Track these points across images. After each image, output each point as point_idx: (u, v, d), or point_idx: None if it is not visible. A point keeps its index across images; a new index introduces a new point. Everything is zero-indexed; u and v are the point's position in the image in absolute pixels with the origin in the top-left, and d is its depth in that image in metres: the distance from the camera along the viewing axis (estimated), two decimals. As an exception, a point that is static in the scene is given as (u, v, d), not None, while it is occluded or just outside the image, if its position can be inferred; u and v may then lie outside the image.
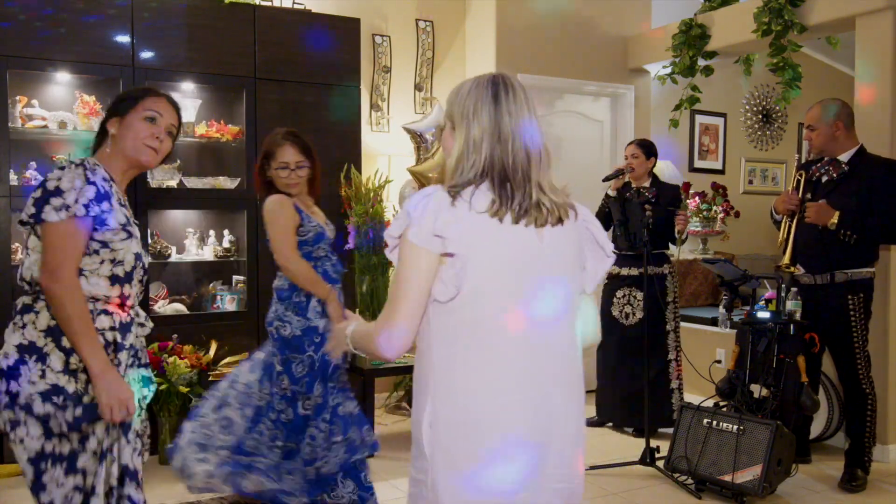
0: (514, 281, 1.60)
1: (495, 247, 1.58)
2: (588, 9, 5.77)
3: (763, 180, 7.30)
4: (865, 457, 3.87)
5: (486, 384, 1.59)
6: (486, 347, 1.59)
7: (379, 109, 5.43)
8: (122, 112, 2.12)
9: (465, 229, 1.56)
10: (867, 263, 3.84)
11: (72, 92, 4.34)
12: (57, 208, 1.92)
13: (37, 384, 1.94)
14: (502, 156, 1.62)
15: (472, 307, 1.58)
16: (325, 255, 3.20)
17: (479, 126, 1.64)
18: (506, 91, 1.66)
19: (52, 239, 1.93)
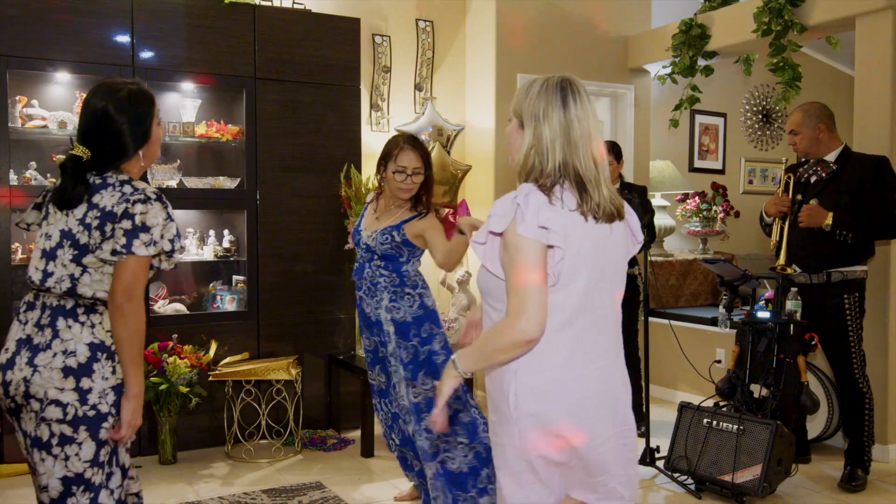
0: (597, 269, 1.78)
1: (583, 240, 1.75)
2: (588, 9, 5.77)
3: (763, 180, 7.31)
4: (865, 456, 3.87)
5: (566, 359, 1.76)
6: (570, 326, 1.76)
7: (379, 109, 5.43)
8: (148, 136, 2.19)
9: (562, 224, 1.71)
10: (861, 261, 3.86)
11: (72, 92, 4.34)
12: (146, 243, 2.06)
13: (108, 380, 2.06)
14: (574, 160, 1.76)
15: (564, 292, 1.74)
16: (358, 256, 3.33)
17: (550, 129, 1.77)
18: (573, 96, 1.78)
19: (134, 267, 2.05)
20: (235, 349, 4.42)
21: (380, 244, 3.21)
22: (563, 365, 1.76)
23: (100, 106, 2.13)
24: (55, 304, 2.08)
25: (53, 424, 2.01)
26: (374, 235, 3.23)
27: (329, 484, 3.88)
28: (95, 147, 2.12)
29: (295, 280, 4.65)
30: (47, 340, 2.05)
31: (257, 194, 4.54)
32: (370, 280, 3.24)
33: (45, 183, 4.14)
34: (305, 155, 4.68)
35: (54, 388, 2.01)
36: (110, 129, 2.12)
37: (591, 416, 1.78)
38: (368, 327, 3.30)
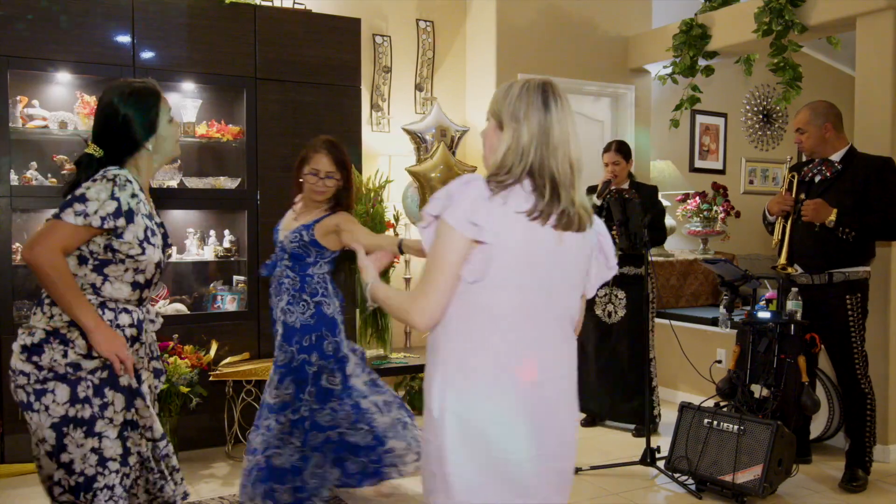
0: (531, 276, 1.73)
1: (521, 243, 1.71)
2: (588, 9, 5.77)
3: (763, 180, 7.30)
4: (866, 457, 3.87)
5: (493, 362, 1.73)
6: (497, 331, 1.73)
7: (379, 109, 5.43)
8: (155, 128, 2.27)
9: (496, 222, 1.68)
10: (863, 262, 3.85)
11: (72, 92, 4.34)
12: (77, 213, 2.10)
13: (58, 361, 2.15)
14: (552, 163, 1.74)
15: (493, 293, 1.71)
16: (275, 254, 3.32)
17: (529, 131, 1.74)
18: (555, 100, 1.77)
19: (52, 227, 2.11)
20: (236, 349, 4.42)
21: (289, 242, 3.25)
22: (492, 370, 1.72)
23: (106, 100, 2.25)
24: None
25: (25, 387, 2.15)
26: (288, 235, 3.28)
27: (329, 484, 3.87)
28: (106, 143, 2.23)
29: (295, 280, 4.64)
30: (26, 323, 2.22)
31: (258, 194, 4.54)
32: (278, 279, 3.29)
33: (45, 183, 4.14)
34: (306, 155, 4.68)
35: (19, 361, 2.16)
36: (117, 121, 2.22)
37: (515, 431, 1.72)
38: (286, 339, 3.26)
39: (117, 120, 2.22)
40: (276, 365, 3.28)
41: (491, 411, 1.71)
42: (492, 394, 1.72)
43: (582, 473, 4.04)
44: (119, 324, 2.22)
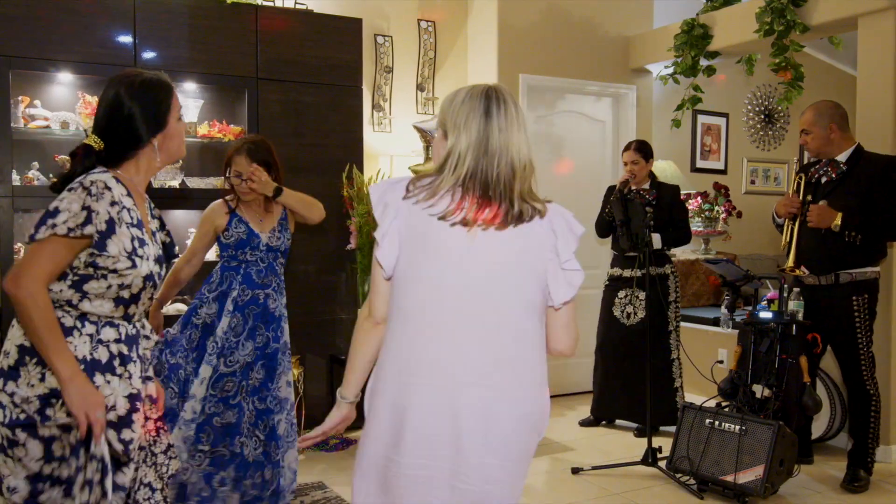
0: (437, 275, 1.71)
1: (424, 241, 1.71)
2: (590, 9, 5.77)
3: (765, 180, 7.30)
4: (868, 457, 3.86)
5: (403, 364, 1.74)
6: (407, 332, 1.74)
7: (381, 109, 5.43)
8: (163, 124, 2.06)
9: (401, 219, 1.72)
10: (872, 263, 3.84)
11: (74, 92, 4.35)
12: (49, 227, 1.87)
13: (35, 387, 1.88)
14: (486, 169, 1.72)
15: (401, 292, 1.75)
16: (254, 259, 3.33)
17: (468, 138, 1.73)
18: (497, 105, 1.75)
19: (32, 251, 1.88)
20: (237, 349, 4.42)
21: (285, 240, 3.40)
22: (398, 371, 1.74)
23: (112, 92, 2.03)
24: None
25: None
26: (275, 234, 3.37)
27: (331, 484, 3.87)
28: (108, 137, 2.02)
29: (296, 280, 4.65)
30: None
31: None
32: (278, 277, 3.39)
33: (47, 183, 4.15)
34: (307, 155, 4.68)
35: None
36: (122, 113, 2.01)
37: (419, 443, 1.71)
38: (266, 324, 3.31)
39: (122, 113, 2.01)
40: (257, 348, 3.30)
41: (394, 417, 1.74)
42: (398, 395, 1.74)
43: (583, 473, 4.04)
44: (102, 338, 1.95)
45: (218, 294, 3.32)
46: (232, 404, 3.24)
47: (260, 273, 3.32)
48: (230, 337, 3.25)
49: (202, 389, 3.23)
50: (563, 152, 5.84)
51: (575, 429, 4.96)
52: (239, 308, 3.28)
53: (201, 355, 3.26)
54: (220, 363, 3.23)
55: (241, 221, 3.33)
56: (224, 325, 3.25)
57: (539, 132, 5.72)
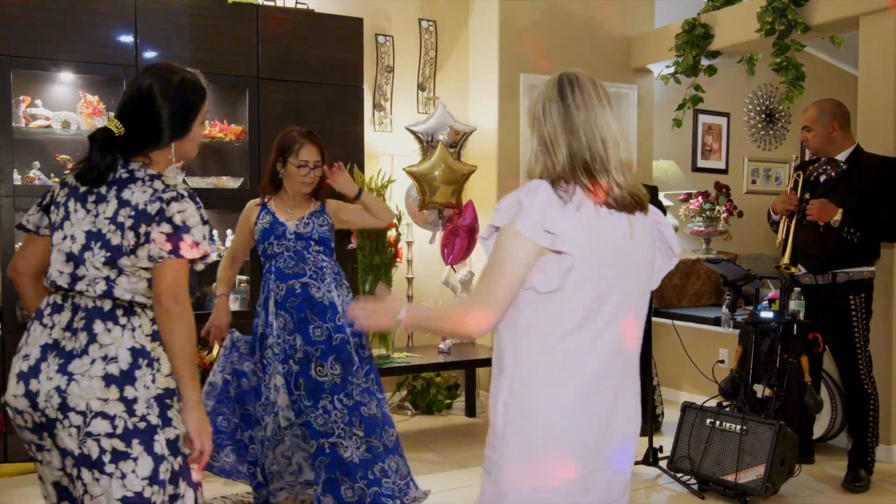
0: (605, 275, 1.67)
1: (594, 241, 1.64)
2: (591, 8, 5.76)
3: (766, 180, 7.29)
4: (869, 457, 3.87)
5: (568, 374, 1.66)
6: (572, 340, 1.66)
7: (382, 109, 5.43)
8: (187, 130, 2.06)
9: (572, 227, 1.62)
10: (868, 262, 3.84)
11: (75, 92, 4.35)
12: (190, 245, 1.96)
13: (150, 389, 1.88)
14: (579, 148, 1.68)
15: (567, 301, 1.65)
16: (280, 251, 3.23)
17: (551, 124, 1.71)
18: (571, 87, 1.72)
19: (178, 268, 1.96)
20: (238, 349, 4.42)
21: (318, 226, 3.25)
22: (559, 379, 1.66)
23: (146, 83, 1.99)
24: (91, 305, 1.91)
25: (103, 440, 1.81)
26: (306, 221, 3.25)
27: (332, 483, 3.87)
28: (131, 125, 1.97)
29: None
30: (82, 345, 1.86)
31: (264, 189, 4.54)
32: (314, 265, 3.23)
33: (48, 183, 4.15)
34: (308, 155, 4.67)
35: (97, 399, 1.82)
36: (151, 110, 1.98)
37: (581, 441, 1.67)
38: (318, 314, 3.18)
39: (152, 110, 1.97)
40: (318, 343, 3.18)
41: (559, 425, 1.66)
42: (560, 405, 1.66)
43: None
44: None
45: (262, 300, 3.27)
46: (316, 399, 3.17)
47: (286, 262, 3.21)
48: (284, 336, 3.18)
49: (284, 397, 3.18)
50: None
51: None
52: (280, 305, 3.19)
53: (262, 366, 3.21)
54: (291, 364, 3.16)
55: (268, 212, 3.28)
56: (274, 329, 3.19)
57: (540, 132, 5.71)
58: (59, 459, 1.87)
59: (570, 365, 1.67)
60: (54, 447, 1.86)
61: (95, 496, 1.82)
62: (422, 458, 4.33)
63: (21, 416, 1.88)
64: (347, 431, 3.12)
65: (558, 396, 1.66)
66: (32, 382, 1.85)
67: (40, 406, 1.83)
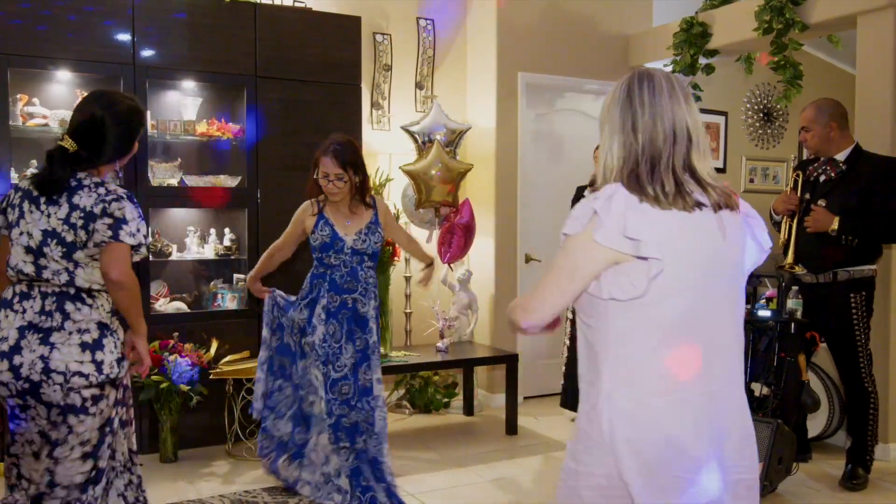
0: (696, 278, 1.61)
1: (683, 244, 1.59)
2: (589, 7, 5.76)
3: (764, 179, 7.30)
4: (867, 455, 3.87)
5: (667, 382, 1.61)
6: (668, 345, 1.61)
7: (380, 108, 5.42)
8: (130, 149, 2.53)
9: (655, 229, 1.56)
10: (869, 261, 3.84)
11: (73, 90, 4.34)
12: (129, 234, 2.36)
13: (114, 353, 2.40)
14: (643, 145, 1.63)
15: (658, 304, 1.59)
16: (338, 264, 3.44)
17: (616, 123, 1.67)
18: (640, 85, 1.67)
19: (123, 249, 2.37)
20: (236, 347, 4.42)
21: (373, 243, 3.48)
22: (660, 387, 1.61)
23: (99, 114, 2.41)
24: (58, 291, 2.36)
25: (83, 391, 2.32)
26: (363, 238, 3.46)
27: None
28: (84, 145, 2.39)
29: (296, 279, 4.63)
30: (59, 322, 2.33)
31: (258, 193, 4.54)
32: (364, 281, 3.48)
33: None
34: (306, 153, 4.64)
35: (75, 362, 2.31)
36: (102, 135, 2.41)
37: (691, 447, 1.60)
38: (361, 327, 3.46)
39: (103, 134, 2.41)
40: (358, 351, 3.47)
41: (667, 433, 1.60)
42: (665, 414, 1.60)
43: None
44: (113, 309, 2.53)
45: (308, 301, 3.46)
46: (353, 405, 3.41)
47: (343, 278, 3.44)
48: (331, 343, 3.41)
49: (322, 392, 3.43)
50: (562, 150, 5.84)
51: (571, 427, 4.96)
52: (332, 315, 3.41)
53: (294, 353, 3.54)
54: (330, 369, 3.40)
55: (326, 223, 3.44)
56: (320, 333, 3.40)
57: (538, 130, 5.72)
58: (46, 412, 2.31)
59: (671, 373, 1.61)
60: (39, 404, 2.31)
61: (80, 432, 2.33)
62: (419, 457, 4.33)
63: (6, 387, 2.32)
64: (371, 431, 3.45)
65: (666, 405, 1.61)
66: (16, 358, 2.30)
67: (23, 374, 2.29)
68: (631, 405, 1.61)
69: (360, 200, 3.49)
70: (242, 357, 4.38)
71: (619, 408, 1.61)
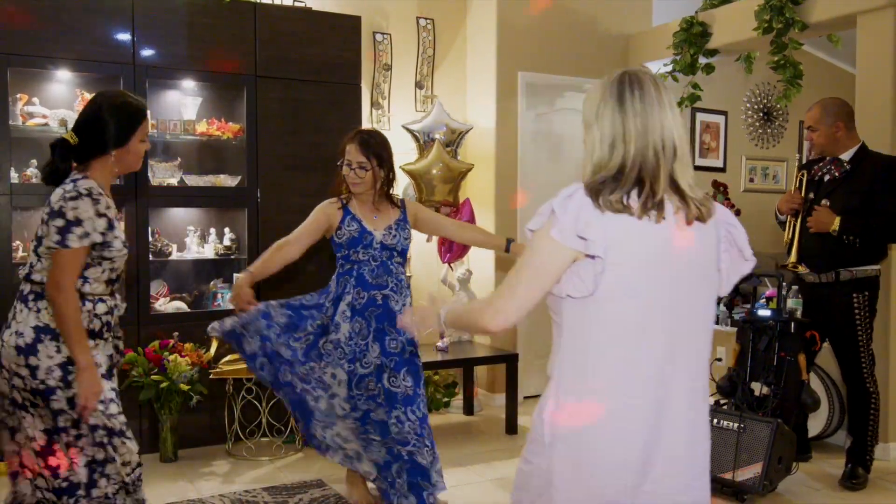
0: (653, 285, 1.61)
1: (634, 247, 1.60)
2: (589, 6, 5.76)
3: (764, 178, 7.30)
4: (867, 455, 3.87)
5: (611, 383, 1.61)
6: (616, 346, 1.61)
7: (380, 107, 5.42)
8: (123, 142, 2.46)
9: (605, 230, 1.57)
10: (873, 261, 3.83)
11: (72, 90, 4.34)
12: (80, 236, 2.31)
13: (54, 358, 2.34)
14: (633, 155, 1.63)
15: (610, 306, 1.60)
16: (366, 258, 3.26)
17: (607, 127, 1.66)
18: (631, 90, 1.65)
19: (64, 260, 2.32)
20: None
21: (403, 239, 3.32)
22: (608, 389, 1.61)
23: (97, 101, 2.48)
24: (20, 288, 2.44)
25: (22, 392, 2.35)
26: (391, 233, 3.29)
27: (330, 482, 3.88)
28: (83, 137, 2.44)
29: (295, 278, 4.64)
30: (9, 320, 2.41)
31: (258, 192, 4.54)
32: (396, 277, 3.32)
33: (45, 181, 4.15)
34: (306, 153, 4.68)
35: (13, 363, 2.34)
36: (97, 123, 2.44)
37: (629, 458, 1.61)
38: (394, 325, 3.26)
39: (98, 123, 2.43)
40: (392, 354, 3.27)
41: (606, 439, 1.61)
42: (608, 419, 1.60)
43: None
44: (97, 312, 2.43)
45: (333, 298, 3.29)
46: (380, 402, 3.24)
47: (373, 272, 3.26)
48: (357, 341, 3.24)
49: (343, 389, 3.26)
50: (561, 150, 5.84)
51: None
52: (358, 312, 3.24)
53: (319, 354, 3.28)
54: (357, 366, 3.23)
55: (353, 219, 3.28)
56: (345, 331, 3.23)
57: (538, 130, 5.72)
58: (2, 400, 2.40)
59: (616, 374, 1.62)
60: None
61: (24, 427, 2.36)
62: (420, 457, 4.33)
63: None
64: (421, 441, 3.22)
65: (604, 406, 1.61)
66: None
67: None
68: (573, 403, 1.63)
69: (386, 197, 3.33)
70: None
71: (562, 405, 1.64)
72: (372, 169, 3.25)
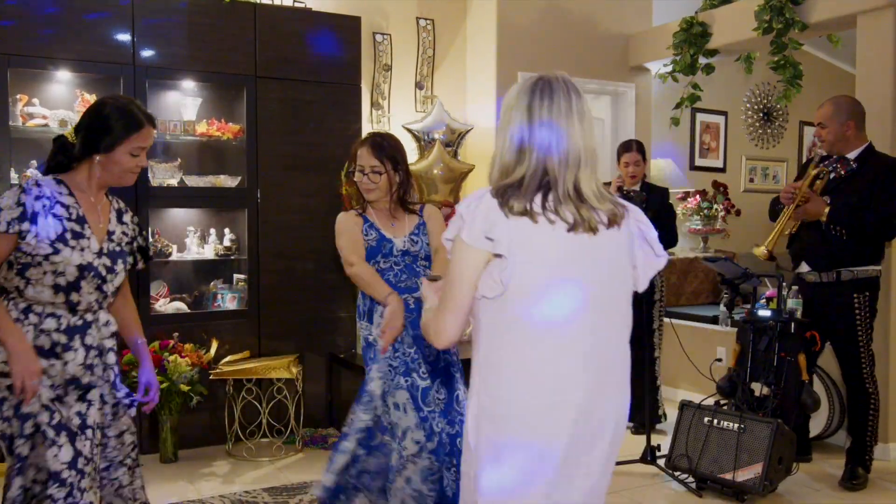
0: (561, 282, 1.66)
1: (538, 248, 1.64)
2: (589, 7, 5.76)
3: (764, 178, 7.30)
4: (867, 455, 3.87)
5: (526, 381, 1.66)
6: (528, 345, 1.66)
7: (379, 108, 5.42)
8: (109, 149, 2.32)
9: (509, 231, 1.62)
10: (873, 261, 3.83)
11: (72, 90, 4.34)
12: None
13: None
14: (535, 163, 1.67)
15: (516, 305, 1.65)
16: (388, 266, 3.00)
17: (515, 134, 1.70)
18: (541, 98, 1.69)
19: None
20: (236, 348, 4.42)
21: (425, 245, 3.06)
22: (521, 389, 1.65)
23: (101, 102, 2.38)
24: None
25: None
26: (413, 239, 3.05)
27: (330, 482, 3.87)
28: (79, 136, 2.34)
29: (295, 278, 4.65)
30: None
31: (258, 193, 4.54)
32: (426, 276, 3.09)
33: (45, 181, 4.14)
34: (306, 153, 4.68)
35: None
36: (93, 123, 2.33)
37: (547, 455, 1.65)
38: None
39: (93, 122, 2.34)
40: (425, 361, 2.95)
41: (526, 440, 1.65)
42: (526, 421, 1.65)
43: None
44: (43, 328, 2.25)
45: (366, 311, 3.03)
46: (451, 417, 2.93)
47: (398, 276, 2.99)
48: (404, 349, 2.92)
49: (411, 416, 2.85)
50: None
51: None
52: None
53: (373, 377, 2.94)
54: (415, 378, 2.89)
55: (372, 227, 3.03)
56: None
57: (538, 130, 5.71)
58: None
59: (532, 371, 1.66)
60: None
61: None
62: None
63: None
64: (448, 462, 2.85)
65: (523, 404, 1.65)
66: None
67: None
68: (491, 403, 1.68)
69: (401, 204, 3.08)
70: (242, 357, 4.38)
71: (482, 405, 1.69)
72: (386, 173, 3.03)
